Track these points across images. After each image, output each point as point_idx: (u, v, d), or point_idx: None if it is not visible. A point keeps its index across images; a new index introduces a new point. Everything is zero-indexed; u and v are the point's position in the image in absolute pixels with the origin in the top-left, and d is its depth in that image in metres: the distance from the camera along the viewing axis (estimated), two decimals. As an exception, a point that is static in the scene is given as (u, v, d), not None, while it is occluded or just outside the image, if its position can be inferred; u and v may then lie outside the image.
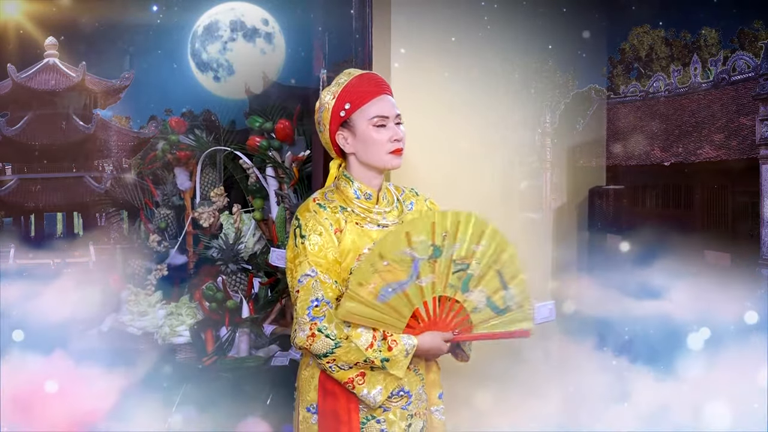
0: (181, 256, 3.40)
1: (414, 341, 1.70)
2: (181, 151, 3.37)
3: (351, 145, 1.78)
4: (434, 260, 1.68)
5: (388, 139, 1.75)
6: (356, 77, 1.78)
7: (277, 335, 3.02)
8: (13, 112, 3.66)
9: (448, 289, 1.71)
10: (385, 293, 1.66)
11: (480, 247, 1.71)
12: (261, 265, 3.11)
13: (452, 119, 2.66)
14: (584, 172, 3.20)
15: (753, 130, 2.86)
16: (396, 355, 1.67)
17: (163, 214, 3.47)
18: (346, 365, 1.67)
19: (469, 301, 1.73)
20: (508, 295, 1.74)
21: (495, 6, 2.75)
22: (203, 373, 2.87)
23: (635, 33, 3.48)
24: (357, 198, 1.79)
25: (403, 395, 1.76)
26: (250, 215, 3.24)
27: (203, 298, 3.01)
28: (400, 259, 1.65)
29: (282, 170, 3.06)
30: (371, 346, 1.67)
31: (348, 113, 1.75)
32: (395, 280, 1.66)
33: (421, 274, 1.68)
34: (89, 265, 3.59)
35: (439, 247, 1.68)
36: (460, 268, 1.70)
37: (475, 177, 2.72)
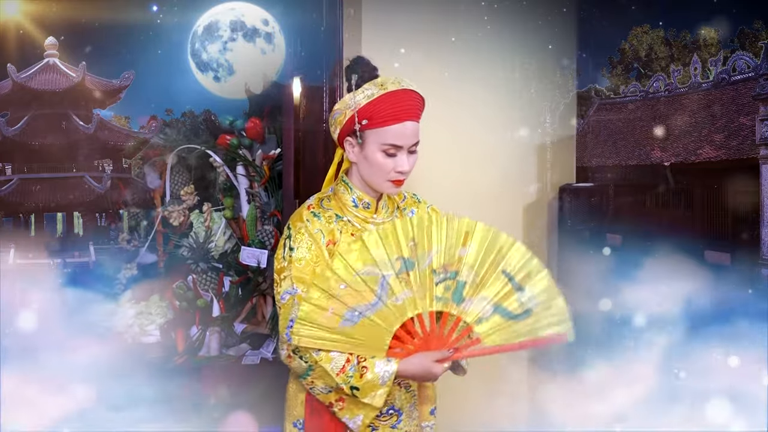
0: (150, 254, 3.36)
1: (392, 367, 1.53)
2: (151, 149, 3.37)
3: (355, 156, 1.68)
4: (405, 273, 1.50)
5: (392, 168, 1.64)
6: (386, 94, 1.62)
7: (248, 334, 3.00)
8: (13, 112, 3.66)
9: (436, 302, 1.52)
10: (351, 317, 1.50)
11: (468, 250, 1.52)
12: (231, 263, 3.08)
13: (452, 119, 2.66)
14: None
15: (753, 130, 2.86)
16: (367, 384, 1.51)
17: (133, 213, 3.46)
18: (324, 388, 1.57)
19: (469, 313, 1.53)
20: (526, 297, 1.53)
21: (495, 6, 2.75)
22: (174, 373, 2.86)
23: (635, 33, 3.48)
24: (355, 206, 1.70)
25: (393, 413, 1.67)
26: (221, 214, 3.22)
27: (173, 297, 3.00)
28: (361, 280, 1.49)
29: (253, 168, 3.06)
30: (342, 371, 1.52)
31: (363, 128, 1.64)
32: (361, 302, 1.50)
33: (393, 293, 1.50)
34: (89, 265, 3.59)
35: (409, 258, 1.50)
36: (445, 277, 1.52)
37: (475, 177, 2.72)
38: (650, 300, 2.68)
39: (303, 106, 2.76)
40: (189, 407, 2.73)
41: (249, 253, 2.91)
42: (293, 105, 2.71)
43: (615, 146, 3.47)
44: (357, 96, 1.65)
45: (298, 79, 2.72)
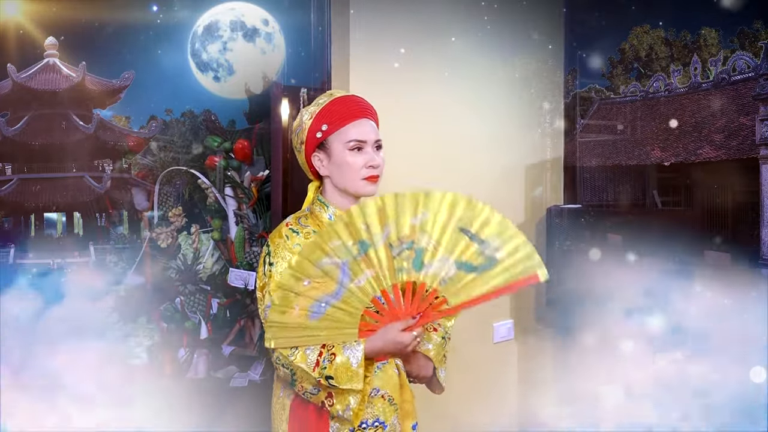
0: (138, 276, 3.33)
1: (359, 347, 1.54)
2: (139, 171, 3.37)
3: (326, 168, 1.70)
4: (364, 255, 1.50)
5: (363, 165, 1.66)
6: (337, 99, 1.71)
7: (236, 356, 2.99)
8: (13, 112, 3.66)
9: (398, 274, 1.53)
10: (318, 310, 1.51)
11: (419, 217, 1.51)
12: (219, 285, 3.09)
13: (452, 119, 2.66)
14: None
15: (753, 130, 2.86)
16: (338, 369, 1.53)
17: (121, 234, 3.47)
18: (314, 389, 1.57)
19: (430, 276, 1.52)
20: (489, 248, 1.51)
21: (495, 6, 2.75)
22: (161, 395, 2.85)
23: (635, 33, 3.48)
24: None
25: (378, 425, 1.66)
26: (209, 235, 3.22)
27: (161, 319, 3.00)
28: (322, 272, 1.50)
29: (241, 190, 3.06)
30: (317, 365, 1.54)
31: (325, 135, 1.68)
32: (325, 293, 1.51)
33: (353, 277, 1.51)
34: (89, 265, 3.59)
35: (365, 240, 1.50)
36: (402, 248, 1.52)
37: (475, 177, 2.72)
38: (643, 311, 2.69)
39: (291, 129, 2.76)
40: (178, 429, 2.72)
41: (237, 275, 2.91)
42: (281, 127, 2.71)
43: (615, 146, 3.47)
44: (309, 109, 1.73)
45: (287, 101, 2.72)
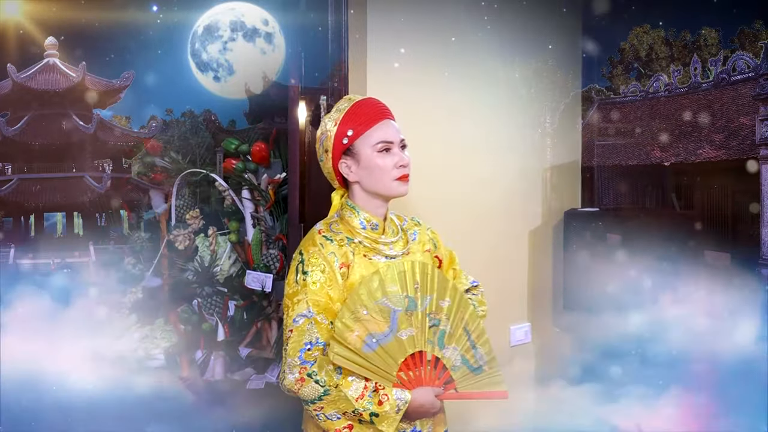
0: (156, 278, 3.35)
1: (407, 396, 1.61)
2: (156, 173, 3.37)
3: (355, 174, 1.69)
4: (411, 313, 1.61)
5: (393, 165, 1.66)
6: (357, 103, 1.70)
7: (253, 358, 2.99)
8: (13, 112, 3.66)
9: (427, 345, 1.64)
10: (370, 343, 1.59)
11: (446, 302, 1.66)
12: (237, 287, 3.08)
13: (452, 119, 2.66)
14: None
15: (753, 130, 2.86)
16: (387, 411, 1.58)
17: (138, 236, 3.47)
18: (334, 415, 1.59)
19: (447, 359, 1.66)
20: (478, 355, 1.70)
21: (495, 6, 2.74)
22: (178, 396, 2.86)
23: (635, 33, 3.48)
24: (363, 228, 1.71)
25: None
26: (226, 238, 3.21)
27: (178, 320, 3.00)
28: (378, 309, 1.59)
29: (258, 193, 3.06)
30: (362, 397, 1.58)
31: (351, 140, 1.67)
32: (377, 331, 1.59)
33: (400, 327, 1.61)
34: (89, 265, 3.59)
35: (414, 298, 1.62)
36: (433, 323, 1.64)
37: (475, 177, 2.72)
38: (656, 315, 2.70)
39: (308, 130, 2.76)
40: (194, 430, 2.74)
41: (254, 277, 2.91)
42: (298, 129, 2.70)
43: (615, 146, 3.47)
44: (331, 116, 1.72)
45: (304, 103, 2.72)
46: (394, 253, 1.72)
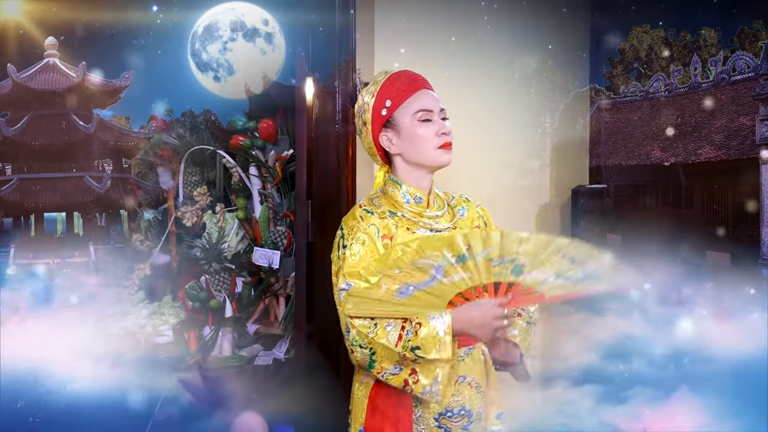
0: (164, 255, 3.36)
1: (447, 316, 1.49)
2: (164, 150, 3.37)
3: (396, 146, 1.67)
4: (462, 264, 1.46)
5: (435, 134, 1.63)
6: (393, 74, 1.68)
7: (261, 334, 3.00)
8: (13, 112, 3.66)
9: (492, 278, 1.48)
10: (405, 291, 1.48)
11: (523, 247, 1.48)
12: (244, 264, 3.09)
13: (452, 119, 2.65)
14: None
15: (753, 130, 2.86)
16: (425, 338, 1.48)
17: (146, 213, 3.47)
18: (396, 368, 1.52)
19: (528, 280, 1.48)
20: (587, 270, 1.49)
21: (495, 6, 2.75)
22: (186, 373, 2.88)
23: (635, 33, 3.48)
24: (407, 202, 1.67)
25: (465, 414, 1.63)
26: (234, 214, 3.22)
27: (186, 297, 3.00)
28: (417, 268, 1.47)
29: (265, 169, 3.06)
30: (400, 339, 1.49)
31: (390, 111, 1.65)
32: (416, 281, 1.48)
33: (447, 275, 1.47)
34: (89, 265, 3.59)
35: (464, 254, 1.46)
36: (503, 262, 1.47)
37: (475, 177, 2.72)
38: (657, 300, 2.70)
39: (316, 106, 2.76)
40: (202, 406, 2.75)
41: (261, 254, 2.91)
42: (306, 106, 2.70)
43: (615, 146, 3.47)
44: (369, 89, 1.69)
45: (311, 80, 2.72)
46: (439, 227, 1.65)
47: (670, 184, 3.24)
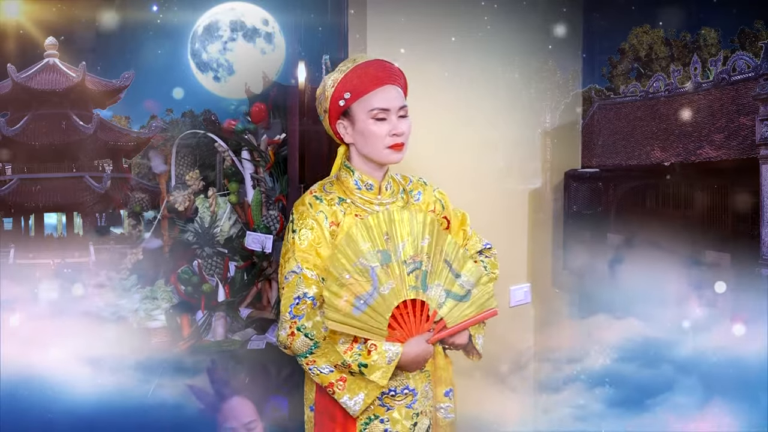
0: (156, 239, 3.38)
1: (398, 348, 1.62)
2: (156, 133, 3.39)
3: (350, 136, 1.72)
4: (387, 266, 1.62)
5: (387, 133, 1.67)
6: (360, 65, 1.69)
7: (254, 319, 3.05)
8: (13, 112, 3.65)
9: (410, 291, 1.64)
10: (359, 306, 1.61)
11: (426, 240, 1.65)
12: (237, 248, 3.14)
13: (452, 119, 2.66)
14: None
15: (753, 130, 2.86)
16: (376, 361, 1.59)
17: (138, 197, 3.48)
18: (326, 368, 1.62)
19: (431, 299, 1.66)
20: (463, 281, 1.68)
21: (495, 6, 2.75)
22: (179, 357, 2.89)
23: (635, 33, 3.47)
24: (358, 189, 1.73)
25: (408, 393, 1.70)
26: (226, 199, 3.26)
27: (178, 281, 3.04)
28: (358, 270, 1.60)
29: (257, 153, 3.09)
30: (350, 349, 1.61)
31: (348, 103, 1.68)
32: (362, 292, 1.60)
33: (380, 282, 1.62)
34: (89, 265, 3.59)
35: (386, 251, 1.62)
36: (414, 267, 1.64)
37: (475, 177, 2.72)
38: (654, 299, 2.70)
39: (308, 91, 2.79)
40: (195, 390, 2.77)
41: (254, 238, 2.96)
42: (297, 90, 2.73)
43: (615, 146, 3.47)
44: (332, 76, 1.72)
45: (303, 64, 2.74)
46: None
47: (670, 184, 3.24)
